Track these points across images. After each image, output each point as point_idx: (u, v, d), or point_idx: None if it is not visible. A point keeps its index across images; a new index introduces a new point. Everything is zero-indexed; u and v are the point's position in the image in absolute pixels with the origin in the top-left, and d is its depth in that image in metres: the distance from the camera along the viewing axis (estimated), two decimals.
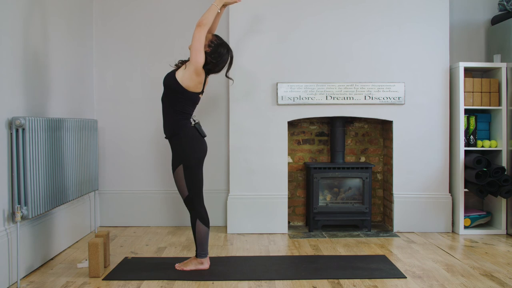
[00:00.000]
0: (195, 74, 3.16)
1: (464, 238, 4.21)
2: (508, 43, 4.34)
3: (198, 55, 3.12)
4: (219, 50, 3.22)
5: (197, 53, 3.11)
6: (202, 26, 3.11)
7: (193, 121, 3.30)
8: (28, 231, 3.21)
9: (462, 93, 4.31)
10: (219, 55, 3.22)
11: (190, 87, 3.19)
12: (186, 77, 3.17)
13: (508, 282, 3.04)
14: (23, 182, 3.02)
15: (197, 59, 3.12)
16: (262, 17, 4.39)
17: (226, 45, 3.28)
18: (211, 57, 3.20)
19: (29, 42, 3.33)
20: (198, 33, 3.10)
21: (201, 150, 3.24)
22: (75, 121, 3.80)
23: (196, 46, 3.10)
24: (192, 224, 3.25)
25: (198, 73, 3.17)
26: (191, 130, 3.24)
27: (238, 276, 3.16)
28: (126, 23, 4.69)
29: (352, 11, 4.40)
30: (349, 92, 4.38)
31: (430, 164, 4.42)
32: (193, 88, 3.21)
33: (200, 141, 3.25)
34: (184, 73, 3.18)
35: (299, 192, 4.76)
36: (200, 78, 3.20)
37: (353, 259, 3.55)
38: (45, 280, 3.10)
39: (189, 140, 3.20)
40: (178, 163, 3.19)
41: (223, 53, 3.23)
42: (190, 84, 3.18)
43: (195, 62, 3.13)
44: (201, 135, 3.26)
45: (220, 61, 3.23)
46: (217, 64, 3.23)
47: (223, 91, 4.66)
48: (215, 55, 3.21)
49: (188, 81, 3.17)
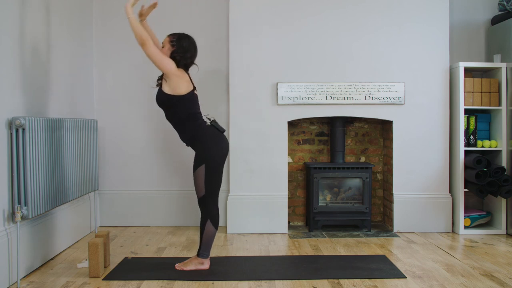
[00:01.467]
0: (176, 78, 3.19)
1: (464, 238, 4.21)
2: (508, 43, 4.34)
3: (165, 63, 3.16)
4: (181, 44, 3.26)
5: (162, 62, 3.15)
6: (144, 42, 3.11)
7: (209, 120, 3.35)
8: (28, 231, 3.21)
9: (462, 93, 4.31)
10: (184, 48, 3.25)
11: (182, 91, 3.21)
12: (173, 86, 3.20)
13: (508, 282, 3.04)
14: (23, 182, 3.01)
15: (166, 66, 3.17)
16: (262, 17, 4.39)
17: (184, 35, 3.31)
18: (178, 54, 3.24)
19: (29, 42, 3.33)
20: (148, 50, 3.12)
21: (222, 147, 3.27)
22: (75, 121, 3.80)
23: (157, 58, 3.14)
24: (202, 223, 3.24)
25: (178, 75, 3.20)
26: (209, 129, 3.28)
27: (238, 276, 3.16)
28: (126, 23, 4.67)
29: (352, 11, 4.40)
30: (349, 92, 4.38)
31: (430, 164, 4.42)
32: (185, 89, 3.23)
33: (220, 138, 3.28)
34: (169, 84, 3.21)
35: (299, 192, 4.76)
36: (184, 77, 3.24)
37: (353, 259, 3.55)
38: (45, 280, 3.10)
39: (209, 140, 3.23)
40: (200, 163, 3.20)
41: (186, 44, 3.27)
42: (181, 89, 3.21)
43: (168, 70, 3.17)
44: (219, 131, 3.30)
45: (187, 52, 3.26)
46: (187, 57, 3.26)
47: (223, 91, 4.66)
48: (181, 49, 3.25)
49: (177, 88, 3.20)
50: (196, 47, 3.33)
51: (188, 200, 4.67)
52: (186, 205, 4.67)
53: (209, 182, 3.20)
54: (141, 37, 3.12)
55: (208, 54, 4.68)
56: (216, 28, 4.67)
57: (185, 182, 4.69)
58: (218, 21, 4.66)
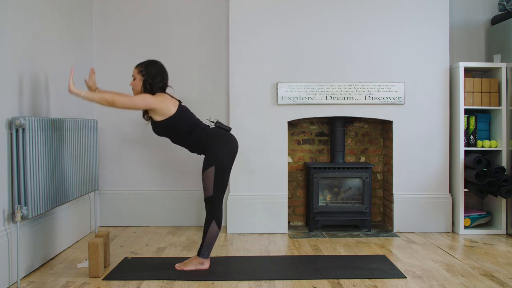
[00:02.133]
0: (159, 103, 3.19)
1: (464, 238, 4.21)
2: (508, 43, 4.34)
3: (139, 102, 3.16)
4: (149, 71, 3.24)
5: (137, 103, 3.16)
6: (112, 101, 3.13)
7: (212, 123, 3.38)
8: (28, 231, 3.21)
9: (462, 93, 4.31)
10: (153, 75, 3.23)
11: (171, 111, 3.22)
12: (161, 112, 3.21)
13: (508, 282, 3.04)
14: (23, 182, 3.01)
15: (143, 103, 3.17)
16: (262, 17, 4.39)
17: (150, 62, 3.29)
18: (149, 81, 3.23)
19: (29, 42, 3.33)
20: (119, 104, 3.13)
21: (231, 147, 3.29)
22: (75, 121, 3.80)
23: (131, 104, 3.15)
24: (207, 223, 3.24)
25: (160, 100, 3.20)
26: (215, 131, 3.32)
27: (238, 276, 3.16)
28: (126, 23, 4.70)
29: (352, 11, 4.40)
30: (349, 92, 4.39)
31: (430, 164, 4.42)
32: (174, 107, 3.24)
33: (228, 137, 3.31)
34: (157, 113, 3.22)
35: (299, 192, 4.76)
36: (165, 98, 3.24)
37: (353, 259, 3.55)
38: (45, 280, 3.10)
39: (218, 141, 3.26)
40: (210, 164, 3.21)
41: (154, 71, 3.25)
42: (170, 109, 3.22)
43: (146, 105, 3.17)
44: (225, 129, 3.33)
45: (157, 76, 3.24)
46: (157, 81, 3.24)
47: (223, 91, 4.66)
48: (150, 76, 3.23)
49: (166, 110, 3.21)
50: (164, 69, 3.31)
51: (188, 200, 4.67)
52: (186, 205, 4.67)
53: (218, 183, 3.22)
54: (106, 100, 3.13)
55: (208, 54, 4.69)
56: (216, 28, 4.67)
57: (185, 182, 4.69)
58: (218, 21, 4.66)
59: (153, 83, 3.24)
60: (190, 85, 4.69)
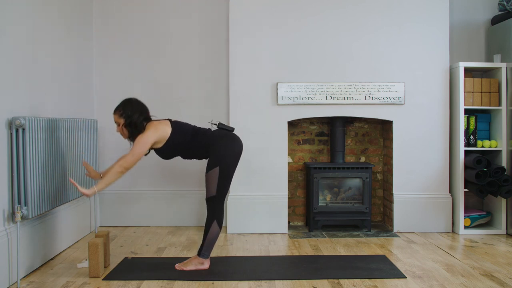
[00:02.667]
0: (155, 133, 3.20)
1: (464, 238, 4.21)
2: (508, 43, 4.34)
3: (142, 146, 3.16)
4: (127, 112, 3.21)
5: (142, 148, 3.16)
6: (126, 167, 3.13)
7: (214, 125, 3.40)
8: (28, 231, 3.21)
9: (462, 93, 4.31)
10: (130, 114, 3.21)
11: (167, 132, 3.24)
12: (159, 139, 3.23)
13: (508, 282, 3.04)
14: (23, 182, 3.02)
15: (146, 145, 3.17)
16: (262, 17, 4.39)
17: (124, 102, 3.26)
18: (130, 122, 3.21)
19: (29, 42, 3.33)
20: (131, 163, 3.14)
21: (235, 147, 3.29)
22: (75, 121, 3.80)
23: (137, 152, 3.15)
24: (208, 223, 3.24)
25: (152, 132, 3.20)
26: (218, 132, 3.33)
27: (238, 276, 3.16)
28: (126, 23, 4.70)
29: (352, 11, 4.40)
30: (349, 92, 4.39)
31: (430, 164, 4.42)
32: (167, 128, 3.25)
33: (231, 138, 3.32)
34: (158, 142, 3.24)
35: (299, 192, 4.76)
36: (155, 125, 3.23)
37: (353, 259, 3.55)
38: (45, 280, 3.10)
39: (222, 142, 3.27)
40: (214, 165, 3.21)
41: (129, 111, 3.22)
42: (165, 132, 3.24)
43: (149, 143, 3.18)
44: (228, 130, 3.35)
45: (134, 114, 3.21)
46: (136, 117, 3.21)
47: (223, 91, 4.66)
48: (129, 116, 3.21)
49: (163, 134, 3.23)
50: (139, 103, 3.28)
51: (188, 200, 4.67)
52: (186, 205, 4.67)
53: (221, 184, 3.22)
54: (118, 173, 3.13)
55: (208, 54, 4.69)
56: (216, 28, 4.67)
57: (185, 182, 4.69)
58: (218, 21, 4.66)
59: (135, 121, 3.21)
60: (190, 85, 4.69)
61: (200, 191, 4.66)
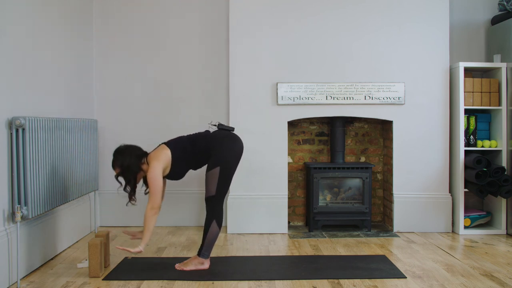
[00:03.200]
0: (161, 163, 3.21)
1: (464, 238, 4.21)
2: (508, 43, 4.34)
3: (157, 180, 3.16)
4: (120, 164, 3.23)
5: (157, 182, 3.16)
6: (154, 208, 3.15)
7: (214, 126, 3.40)
8: (28, 231, 3.21)
9: (462, 93, 4.31)
10: (124, 164, 3.22)
11: (168, 155, 3.25)
12: (166, 164, 3.25)
13: (508, 282, 3.04)
14: (23, 182, 3.01)
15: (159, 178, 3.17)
16: (262, 17, 4.39)
17: (114, 156, 3.27)
18: (127, 169, 3.22)
19: (29, 42, 3.33)
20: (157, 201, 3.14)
21: (236, 148, 3.30)
22: (75, 121, 3.80)
23: (156, 189, 3.15)
24: (207, 223, 3.24)
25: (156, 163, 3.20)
26: (218, 133, 3.34)
27: (238, 276, 3.16)
28: (126, 23, 4.70)
29: (352, 11, 4.40)
30: (349, 92, 4.39)
31: (430, 164, 4.42)
32: (166, 151, 3.25)
33: (232, 138, 3.32)
34: (165, 169, 3.26)
35: (299, 192, 4.76)
36: (157, 156, 3.23)
37: (353, 259, 3.55)
38: (45, 280, 3.10)
39: (223, 142, 3.27)
40: (215, 165, 3.21)
41: (121, 160, 3.23)
42: (167, 155, 3.25)
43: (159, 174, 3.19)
44: (228, 130, 3.37)
45: (125, 163, 3.22)
46: (132, 163, 3.22)
47: (223, 91, 4.66)
48: (124, 166, 3.22)
49: (166, 161, 3.24)
50: (127, 148, 3.28)
51: (188, 200, 4.67)
52: (186, 205, 4.67)
53: (221, 184, 3.22)
54: (154, 213, 3.14)
55: (208, 54, 4.69)
56: (216, 28, 4.67)
57: (185, 182, 4.67)
58: (218, 21, 4.66)
59: (130, 167, 3.22)
60: (190, 85, 4.69)
61: (200, 191, 4.66)
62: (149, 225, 3.14)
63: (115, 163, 3.26)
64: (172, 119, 4.67)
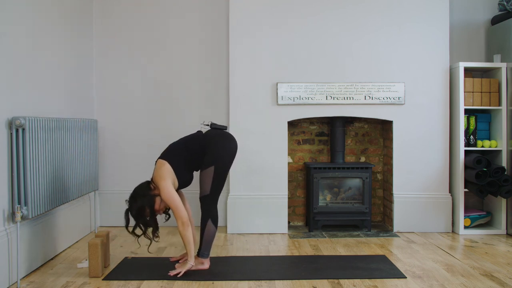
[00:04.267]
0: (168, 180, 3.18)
1: (464, 238, 4.21)
2: (508, 43, 4.34)
3: (173, 197, 3.13)
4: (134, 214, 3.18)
5: (174, 198, 3.13)
6: (183, 223, 3.13)
7: (207, 125, 3.39)
8: (28, 231, 3.21)
9: (462, 93, 4.31)
10: (138, 211, 3.17)
11: (172, 172, 3.21)
12: (173, 180, 3.22)
13: (508, 282, 3.04)
14: (23, 182, 3.01)
15: (173, 194, 3.14)
16: (262, 17, 4.39)
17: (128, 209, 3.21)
18: (141, 215, 3.18)
19: (29, 42, 3.33)
20: (182, 214, 3.12)
21: (230, 147, 3.29)
22: (75, 121, 3.80)
23: (176, 204, 3.13)
24: (203, 223, 3.24)
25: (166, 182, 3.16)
26: (211, 133, 3.33)
27: (238, 276, 3.16)
28: (126, 23, 4.69)
29: (352, 11, 4.40)
30: (349, 92, 4.39)
31: (430, 164, 4.42)
32: (167, 166, 3.21)
33: (226, 137, 3.32)
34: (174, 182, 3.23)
35: (299, 192, 4.76)
36: (163, 176, 3.18)
37: (353, 259, 3.55)
38: (45, 280, 3.10)
39: (217, 142, 3.26)
40: (209, 164, 3.20)
41: (135, 209, 3.18)
42: (172, 173, 3.21)
43: (172, 189, 3.17)
44: (221, 129, 3.37)
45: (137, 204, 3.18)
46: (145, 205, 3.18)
47: (223, 91, 4.66)
48: (138, 213, 3.17)
49: (171, 177, 3.20)
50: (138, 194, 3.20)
51: (188, 200, 4.66)
52: None
53: (216, 183, 3.22)
54: (184, 228, 3.12)
55: (208, 54, 4.69)
56: (216, 28, 4.67)
57: None
58: (218, 21, 4.66)
59: (142, 212, 3.17)
60: (190, 85, 4.69)
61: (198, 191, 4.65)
62: (187, 239, 3.13)
63: (133, 213, 3.18)
64: (172, 119, 4.67)
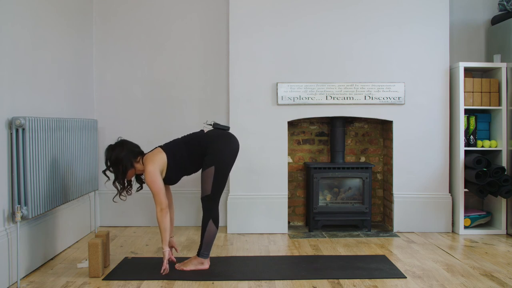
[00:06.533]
0: (156, 165, 3.19)
1: (464, 238, 4.21)
2: (508, 43, 4.34)
3: (157, 183, 3.15)
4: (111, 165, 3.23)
5: (157, 184, 3.15)
6: (163, 209, 3.14)
7: (210, 125, 3.39)
8: (28, 231, 3.21)
9: (462, 93, 4.31)
10: (114, 159, 3.21)
11: (164, 159, 3.23)
12: (163, 167, 3.24)
13: (508, 282, 3.04)
14: (23, 182, 3.01)
15: (158, 180, 3.16)
16: (262, 17, 4.39)
17: (106, 154, 3.25)
18: (118, 172, 3.23)
19: (29, 42, 3.33)
20: (163, 202, 3.14)
21: (232, 147, 3.29)
22: (75, 121, 3.80)
23: (158, 191, 3.15)
24: (204, 223, 3.24)
25: (153, 165, 3.17)
26: (213, 133, 3.32)
27: (238, 276, 3.16)
28: (126, 23, 4.70)
29: (352, 11, 4.40)
30: (349, 92, 4.39)
31: (430, 164, 4.42)
32: (162, 154, 3.23)
33: (228, 138, 3.31)
34: (162, 170, 3.24)
35: (299, 192, 4.76)
36: (153, 159, 3.21)
37: (353, 259, 3.55)
38: (45, 280, 3.10)
39: (219, 142, 3.26)
40: (210, 164, 3.20)
41: (109, 154, 3.23)
42: (163, 159, 3.23)
43: (158, 175, 3.18)
44: (224, 129, 3.36)
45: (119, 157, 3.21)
46: (125, 158, 3.21)
47: (223, 91, 4.66)
48: (113, 162, 3.21)
49: (162, 163, 3.22)
50: (119, 145, 3.25)
51: (188, 200, 4.67)
52: (186, 205, 4.67)
53: (217, 183, 3.22)
54: (161, 214, 3.14)
55: (208, 54, 4.69)
56: (216, 28, 4.67)
57: (185, 182, 4.67)
58: (218, 21, 4.66)
59: (120, 160, 3.21)
60: (190, 85, 4.69)
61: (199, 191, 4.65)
62: (164, 225, 3.15)
63: (105, 155, 3.25)
64: (172, 119, 4.67)
